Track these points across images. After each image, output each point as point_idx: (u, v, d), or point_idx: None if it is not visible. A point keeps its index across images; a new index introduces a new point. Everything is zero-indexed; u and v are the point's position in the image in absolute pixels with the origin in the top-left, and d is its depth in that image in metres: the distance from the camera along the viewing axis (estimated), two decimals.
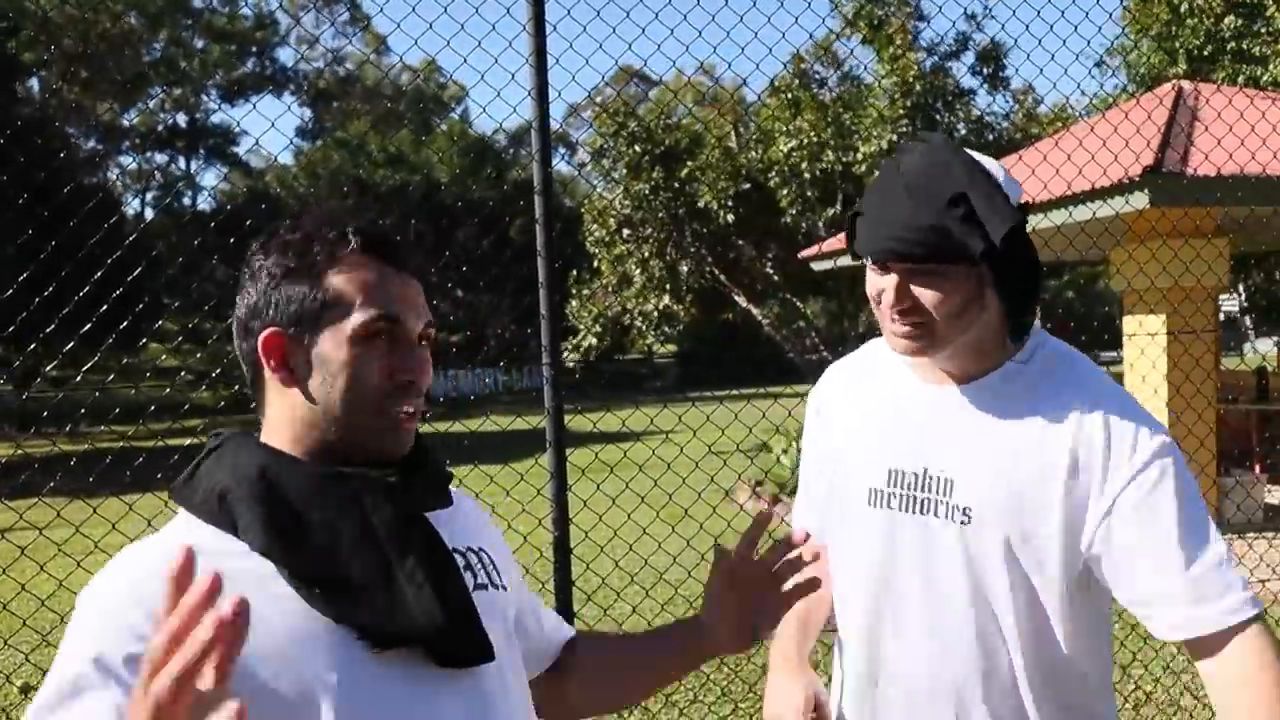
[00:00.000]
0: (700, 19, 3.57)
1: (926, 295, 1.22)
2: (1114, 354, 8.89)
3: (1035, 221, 6.49)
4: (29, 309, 3.57)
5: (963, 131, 12.24)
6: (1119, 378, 8.03)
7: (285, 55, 40.90)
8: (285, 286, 0.98)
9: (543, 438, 2.70)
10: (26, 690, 4.65)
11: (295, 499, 0.95)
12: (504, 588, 1.11)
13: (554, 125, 2.96)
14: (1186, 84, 8.09)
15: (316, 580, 0.91)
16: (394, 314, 0.99)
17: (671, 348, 27.98)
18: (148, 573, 0.88)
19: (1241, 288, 14.28)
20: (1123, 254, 6.62)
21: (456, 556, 1.03)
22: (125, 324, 3.58)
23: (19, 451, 12.50)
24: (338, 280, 0.98)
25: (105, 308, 3.29)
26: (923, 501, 1.29)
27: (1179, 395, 6.30)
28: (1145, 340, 6.55)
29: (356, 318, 0.97)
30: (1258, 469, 7.26)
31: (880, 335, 1.38)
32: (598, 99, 14.43)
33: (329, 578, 0.92)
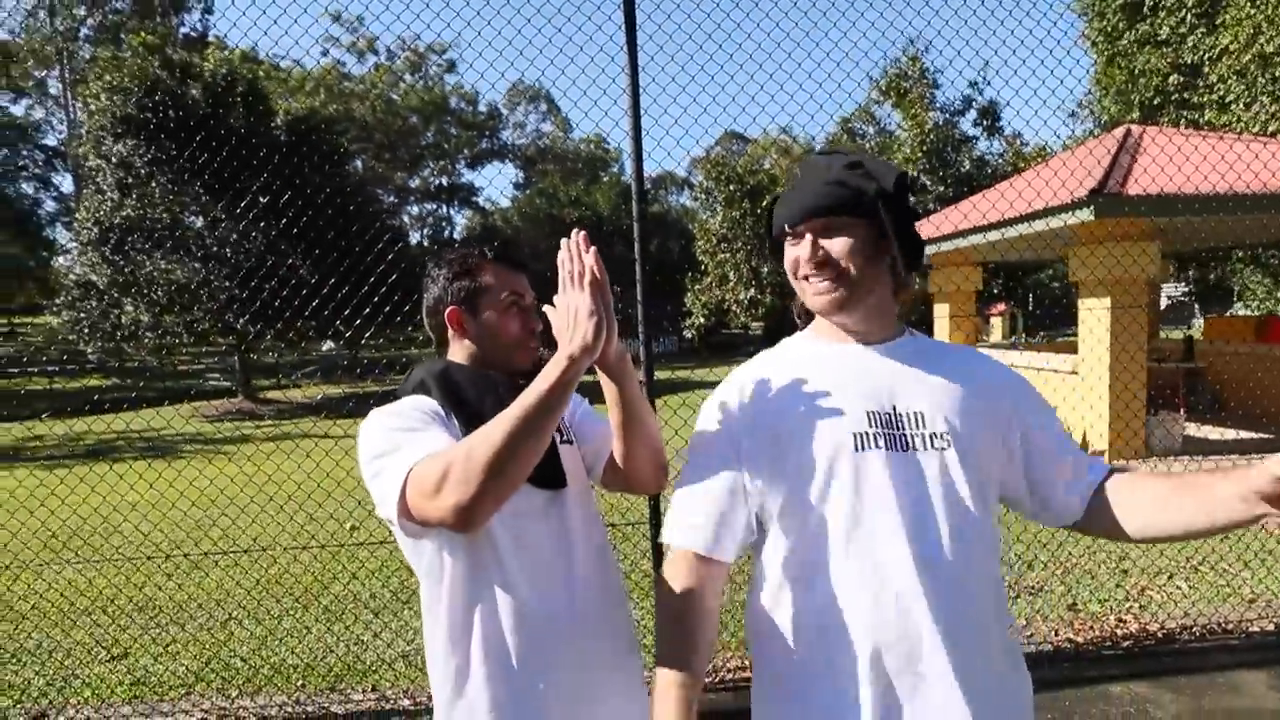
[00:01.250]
0: (777, 90, 3.54)
1: (837, 246, 1.01)
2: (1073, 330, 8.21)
3: (1022, 229, 6.14)
4: (350, 300, 4.04)
5: (967, 168, 11.45)
6: (1075, 344, 7.50)
7: (506, 135, 42.18)
8: (457, 282, 1.19)
9: (661, 386, 2.71)
10: (355, 527, 5.06)
11: (461, 382, 1.15)
12: (571, 441, 1.21)
13: (681, 172, 2.91)
14: (1135, 127, 7.33)
15: (471, 425, 1.05)
16: (519, 293, 1.20)
17: (759, 324, 27.51)
18: (408, 405, 1.10)
19: (1187, 278, 12.77)
20: (1081, 252, 6.16)
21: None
22: (406, 310, 3.86)
23: (352, 389, 13.81)
24: (486, 277, 1.19)
25: (396, 300, 3.58)
26: (902, 438, 0.99)
27: (1119, 357, 5.88)
28: (1095, 316, 6.09)
29: (500, 296, 1.18)
30: (1181, 410, 6.61)
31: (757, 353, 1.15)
32: (708, 154, 14.29)
33: (478, 424, 1.00)
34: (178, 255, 13.02)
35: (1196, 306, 21.90)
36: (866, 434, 0.99)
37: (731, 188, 13.19)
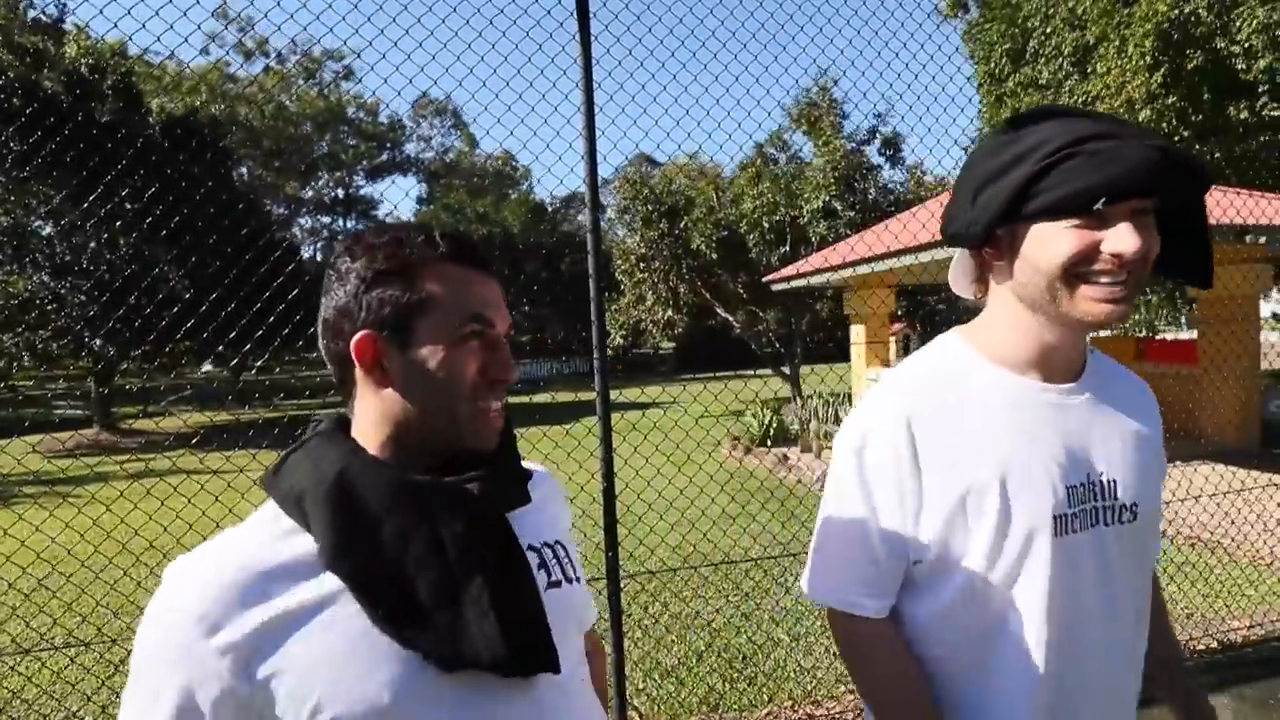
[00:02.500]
0: (695, 114, 3.49)
1: (1148, 243, 0.77)
2: None
3: (928, 256, 6.29)
4: (232, 319, 3.54)
5: (872, 195, 11.98)
6: None
7: (410, 148, 40.76)
8: (377, 289, 0.71)
9: (584, 408, 2.53)
10: None
11: (368, 509, 0.67)
12: (576, 580, 0.80)
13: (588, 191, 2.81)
14: None
15: (382, 601, 0.65)
16: (487, 316, 0.73)
17: (671, 344, 27.74)
18: (218, 588, 0.64)
19: None
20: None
21: (531, 555, 0.75)
22: (307, 331, 3.50)
23: (227, 420, 12.47)
24: (430, 283, 0.71)
25: (292, 322, 3.23)
26: (1098, 512, 0.86)
27: None
28: None
29: (452, 320, 0.71)
30: None
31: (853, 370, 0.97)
32: (621, 175, 14.19)
33: (395, 599, 0.65)
34: (19, 264, 11.30)
35: None
36: (1067, 516, 0.84)
37: (649, 207, 13.08)
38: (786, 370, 13.06)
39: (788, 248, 12.41)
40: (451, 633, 0.66)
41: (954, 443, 0.84)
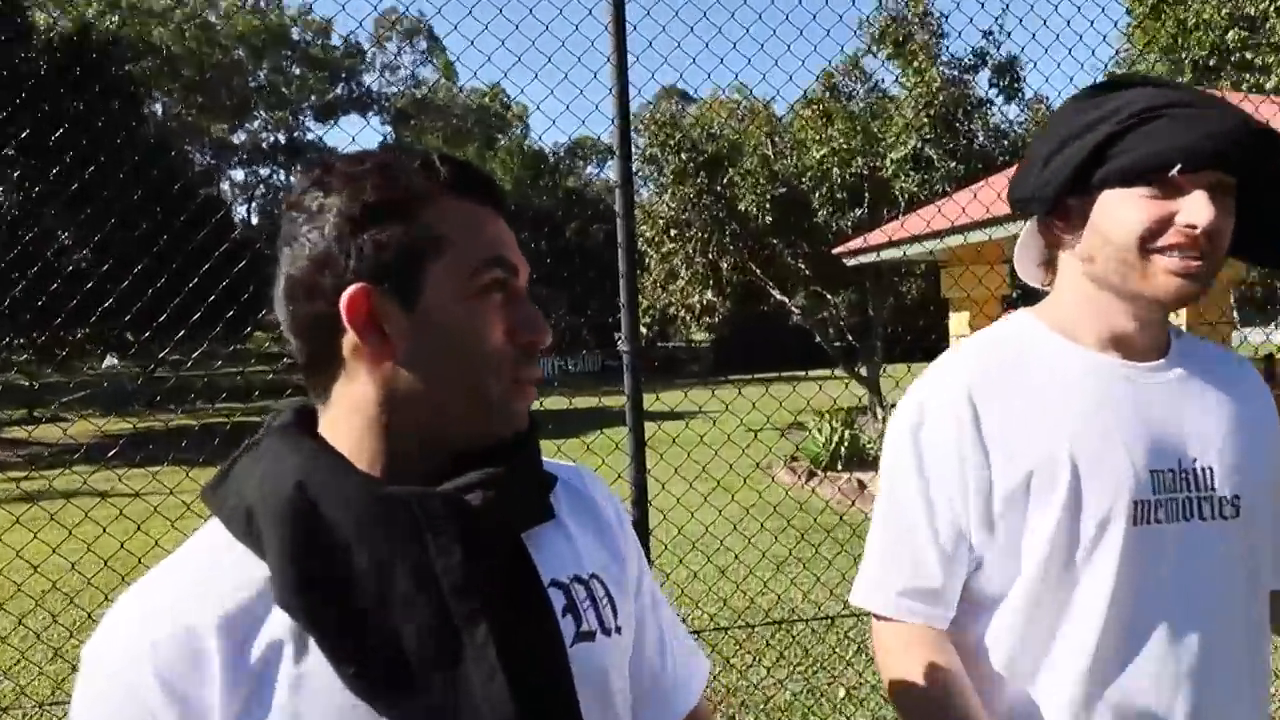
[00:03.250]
0: (738, 36, 3.41)
1: (1226, 221, 0.94)
2: None
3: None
4: (146, 300, 3.57)
5: (980, 139, 11.82)
6: None
7: (370, 80, 41.13)
8: (369, 230, 0.67)
9: (604, 415, 2.50)
10: None
11: (336, 531, 0.64)
12: (615, 630, 0.76)
13: (605, 139, 2.78)
14: None
15: (353, 656, 0.62)
16: (510, 260, 0.71)
17: (707, 336, 27.71)
18: (154, 640, 0.64)
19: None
20: None
21: (555, 593, 0.72)
22: (232, 313, 3.52)
23: (142, 425, 12.70)
24: (434, 219, 0.69)
25: (213, 299, 3.24)
26: (1188, 504, 0.96)
27: None
28: None
29: (468, 266, 0.69)
30: None
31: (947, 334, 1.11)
32: (649, 113, 14.17)
33: (371, 653, 0.62)
34: None
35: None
36: (1148, 503, 0.95)
37: (682, 157, 13.05)
38: (862, 370, 12.96)
39: (865, 210, 12.29)
40: (445, 699, 0.63)
41: (1021, 415, 0.96)
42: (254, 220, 38.43)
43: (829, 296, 13.83)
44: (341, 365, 0.70)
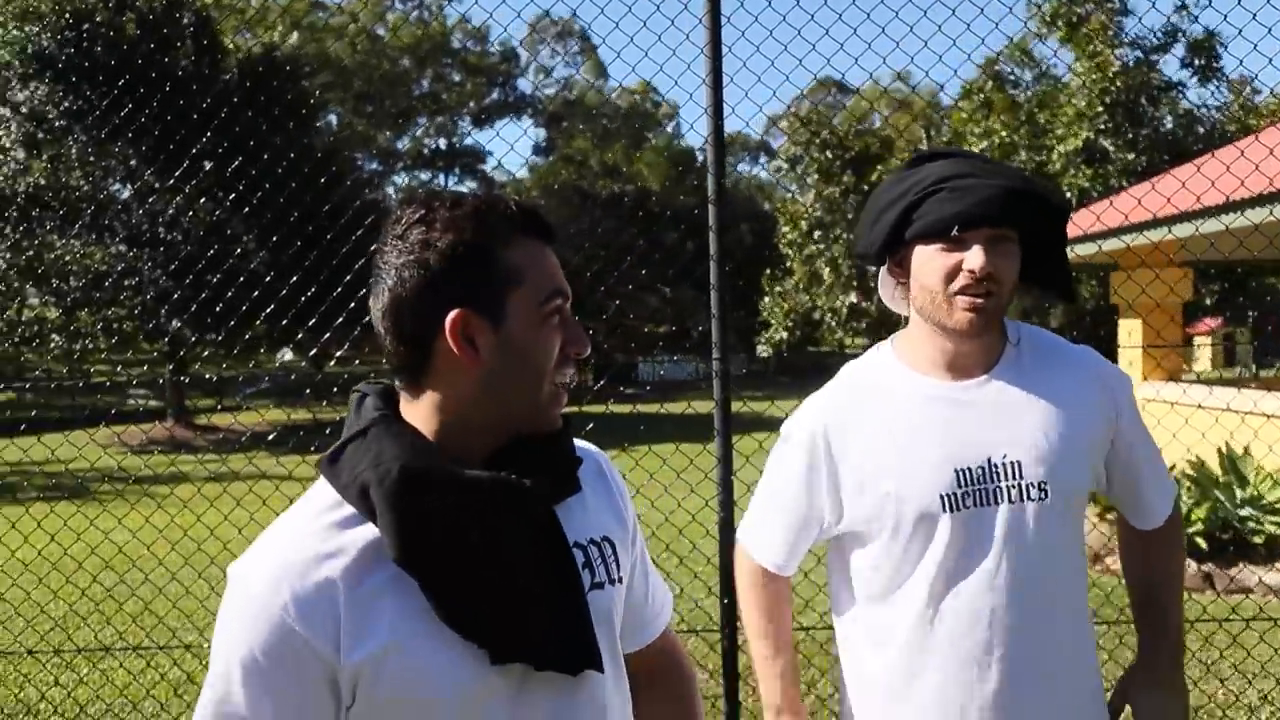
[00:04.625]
0: (897, 29, 3.40)
1: (1003, 265, 1.25)
2: None
3: (1258, 217, 5.65)
4: (321, 303, 3.98)
5: (1169, 125, 10.91)
6: None
7: (524, 83, 42.88)
8: (467, 265, 0.88)
9: (741, 422, 2.66)
10: None
11: (434, 506, 0.86)
12: (618, 580, 1.02)
13: (755, 135, 2.93)
14: None
15: (446, 595, 0.86)
16: (566, 290, 0.94)
17: (863, 341, 27.00)
18: (290, 568, 0.86)
19: None
20: None
21: (577, 552, 0.96)
22: None
23: (313, 417, 13.98)
24: (516, 257, 0.90)
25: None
26: (995, 492, 1.27)
27: None
28: None
29: (539, 295, 0.91)
30: None
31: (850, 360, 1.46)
32: (795, 109, 14.06)
33: (457, 593, 0.86)
34: (97, 235, 13.33)
35: None
36: (955, 495, 1.26)
37: (829, 154, 12.91)
38: None
39: None
40: (507, 628, 0.87)
41: (863, 437, 1.32)
42: None
43: None
44: (432, 368, 0.91)
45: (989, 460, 1.27)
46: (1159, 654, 1.39)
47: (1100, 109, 10.74)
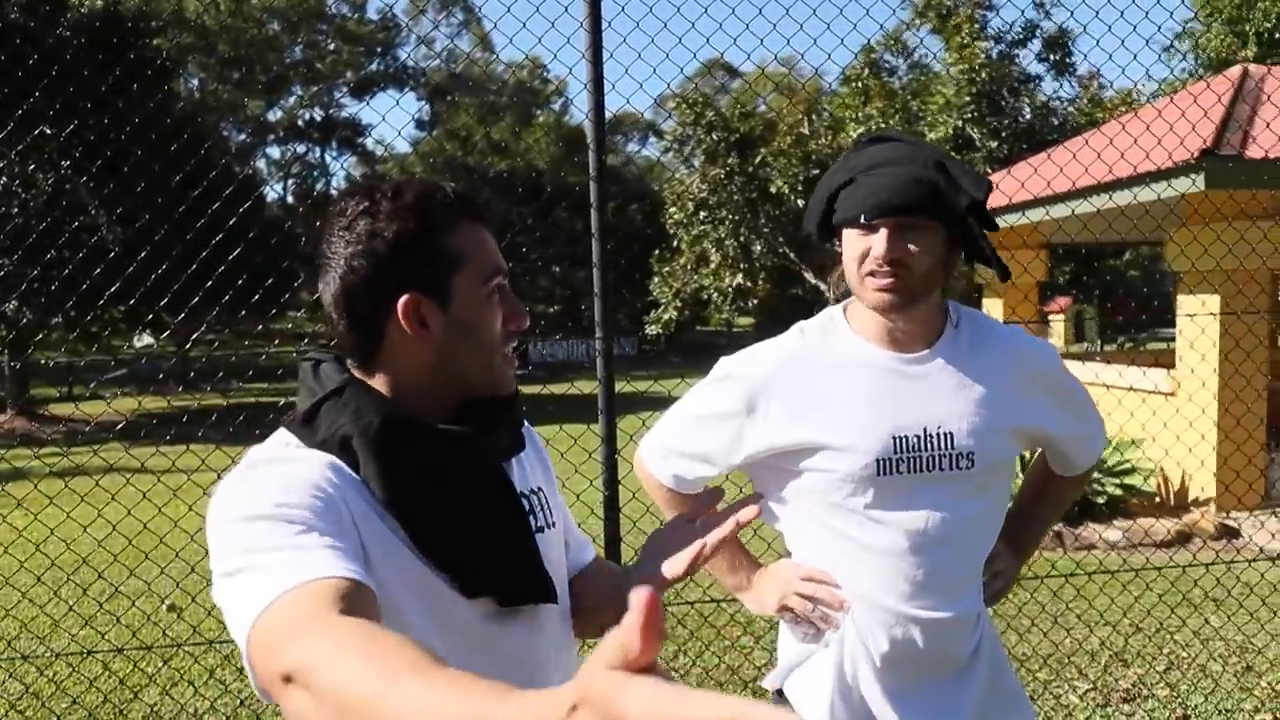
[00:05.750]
0: (774, 10, 3.48)
1: (912, 250, 1.31)
2: (1172, 331, 8.37)
3: (1100, 203, 6.13)
4: (179, 280, 3.75)
5: (1028, 116, 11.65)
6: (1173, 354, 7.62)
7: (406, 54, 41.48)
8: (413, 250, 0.97)
9: (625, 401, 2.69)
10: (174, 609, 4.87)
11: (411, 456, 0.96)
12: (554, 524, 1.14)
13: (645, 114, 2.96)
14: (1254, 67, 7.48)
15: (422, 536, 0.95)
16: (504, 268, 1.03)
17: (749, 320, 27.66)
18: (298, 478, 0.91)
19: None
20: (1186, 235, 6.20)
21: (523, 500, 1.07)
22: (262, 292, 3.64)
23: (177, 404, 13.24)
24: (458, 241, 0.99)
25: (245, 278, 3.36)
26: (929, 459, 1.36)
27: (1237, 374, 5.93)
28: (1205, 320, 6.14)
29: (480, 274, 1.00)
30: None
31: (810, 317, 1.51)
32: (680, 91, 14.21)
33: (433, 535, 0.95)
34: None
35: None
36: (890, 460, 1.35)
37: (715, 136, 13.12)
38: None
39: None
40: (477, 565, 0.98)
41: (806, 396, 1.39)
42: (289, 199, 39.15)
43: None
44: (384, 348, 1.00)
45: (924, 430, 1.36)
46: (1015, 555, 1.58)
47: (968, 99, 11.37)
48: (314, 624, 0.74)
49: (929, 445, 1.36)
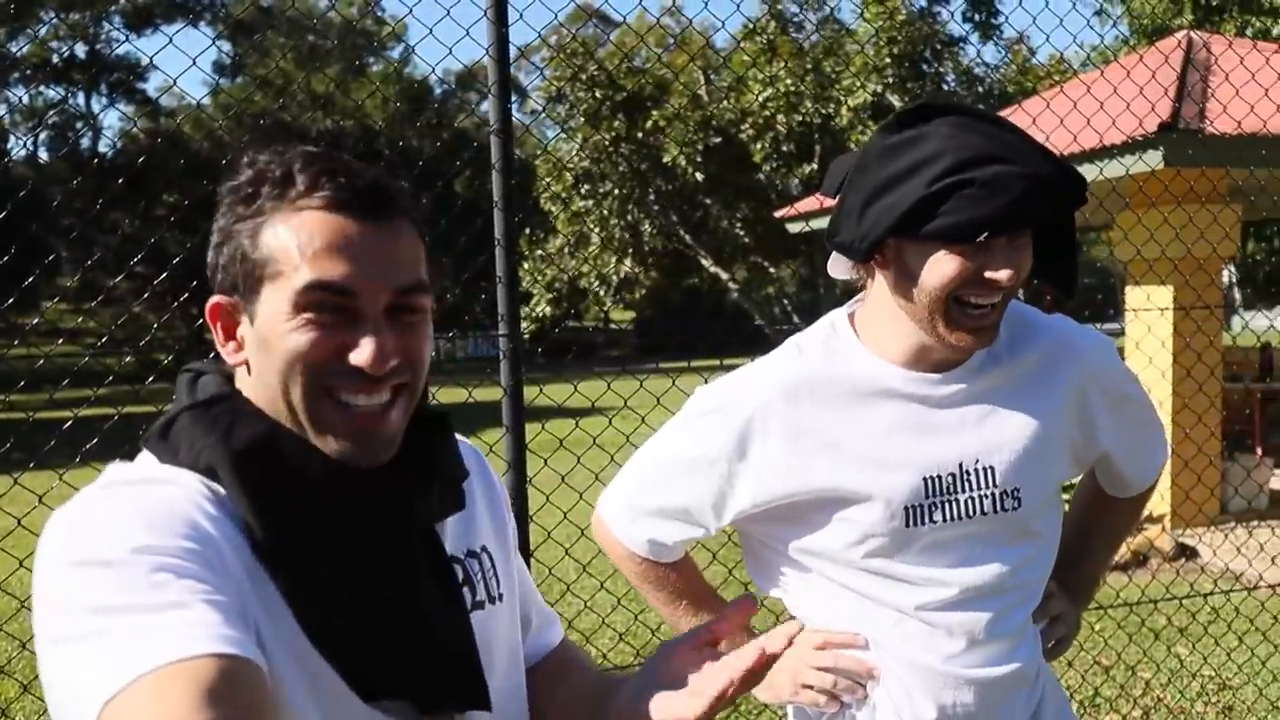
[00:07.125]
0: None
1: (1022, 264, 1.23)
2: (1115, 326, 8.93)
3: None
4: None
5: (951, 82, 12.24)
6: (1120, 352, 8.09)
7: None
8: (229, 243, 0.90)
9: (488, 412, 2.55)
10: None
11: (299, 497, 0.87)
12: (501, 596, 1.04)
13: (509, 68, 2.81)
14: (1196, 35, 8.08)
15: (312, 609, 0.84)
16: (337, 280, 0.85)
17: (629, 315, 27.87)
18: (169, 509, 0.82)
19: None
20: (1131, 219, 6.60)
21: (457, 568, 0.98)
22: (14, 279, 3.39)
23: None
24: (278, 235, 0.87)
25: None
26: (967, 503, 1.31)
27: (1189, 376, 6.32)
28: (1153, 315, 6.56)
29: (289, 286, 0.86)
30: (1260, 451, 7.34)
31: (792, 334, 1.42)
32: (553, 40, 14.13)
33: (324, 609, 0.85)
34: None
35: (1238, 299, 25.17)
36: (920, 507, 1.29)
37: (596, 95, 13.11)
38: None
39: (816, 165, 12.59)
40: (377, 657, 0.86)
41: (809, 436, 1.30)
42: (43, 155, 36.60)
43: (772, 269, 14.16)
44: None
45: (960, 466, 1.30)
46: (1072, 600, 1.54)
47: (888, 60, 11.81)
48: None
49: (966, 485, 1.30)
